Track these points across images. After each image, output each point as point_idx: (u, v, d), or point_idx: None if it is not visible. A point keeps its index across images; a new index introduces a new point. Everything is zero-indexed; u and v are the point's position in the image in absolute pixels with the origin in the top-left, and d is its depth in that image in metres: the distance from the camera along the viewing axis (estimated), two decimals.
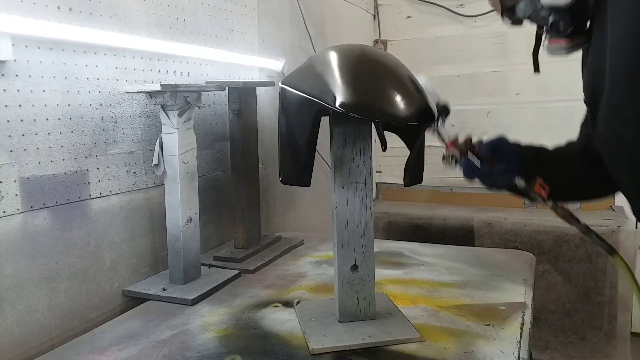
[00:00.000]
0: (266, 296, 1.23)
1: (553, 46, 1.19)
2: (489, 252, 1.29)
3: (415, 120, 0.88)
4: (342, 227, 1.01)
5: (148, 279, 1.32)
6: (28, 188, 1.02)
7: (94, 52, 1.16)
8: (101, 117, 1.18)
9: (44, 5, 1.03)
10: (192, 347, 0.96)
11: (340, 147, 0.99)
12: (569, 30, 1.14)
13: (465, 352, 0.92)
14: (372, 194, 1.06)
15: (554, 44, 1.19)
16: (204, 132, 1.55)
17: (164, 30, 1.37)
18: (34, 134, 1.03)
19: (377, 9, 3.10)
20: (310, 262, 1.50)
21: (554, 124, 2.64)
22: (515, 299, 1.17)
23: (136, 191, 1.29)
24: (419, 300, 1.18)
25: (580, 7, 1.11)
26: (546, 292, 2.44)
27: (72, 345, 1.00)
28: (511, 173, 1.11)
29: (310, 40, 2.18)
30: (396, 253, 1.56)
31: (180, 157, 1.23)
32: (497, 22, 1.45)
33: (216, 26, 1.59)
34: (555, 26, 1.14)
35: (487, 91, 2.88)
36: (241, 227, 1.54)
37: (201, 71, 1.53)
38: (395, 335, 0.97)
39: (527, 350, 0.97)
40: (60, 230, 1.09)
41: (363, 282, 1.02)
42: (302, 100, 0.92)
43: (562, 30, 1.14)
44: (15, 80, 0.99)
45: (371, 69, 0.93)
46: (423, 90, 0.96)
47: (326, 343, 0.95)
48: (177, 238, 1.26)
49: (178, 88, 1.19)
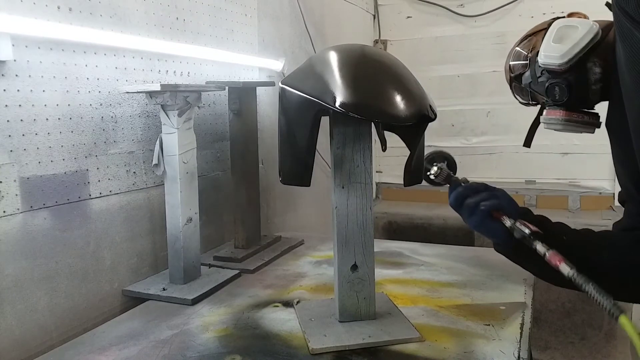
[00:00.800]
0: (266, 296, 1.23)
1: (549, 118, 1.15)
2: (489, 252, 1.29)
3: (415, 120, 0.88)
4: (342, 227, 1.01)
5: (148, 279, 1.32)
6: (28, 188, 1.02)
7: (94, 52, 1.16)
8: (101, 117, 1.18)
9: (44, 5, 1.03)
10: (192, 347, 0.96)
11: (340, 147, 0.99)
12: (565, 98, 1.09)
13: (465, 352, 0.92)
14: (372, 194, 1.06)
15: (550, 115, 1.15)
16: (204, 132, 1.55)
17: (164, 30, 1.37)
18: (34, 133, 1.03)
19: (377, 9, 3.10)
20: (310, 262, 1.50)
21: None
22: (515, 299, 1.17)
23: (136, 191, 1.29)
24: (419, 300, 1.18)
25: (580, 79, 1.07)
26: (546, 292, 2.44)
27: (72, 345, 1.00)
28: (500, 203, 0.99)
29: (310, 40, 2.18)
30: (396, 253, 1.56)
31: (180, 157, 1.23)
32: (497, 22, 1.45)
33: (216, 26, 1.59)
34: (552, 92, 1.10)
35: (487, 91, 2.88)
36: (241, 227, 1.54)
37: (201, 71, 1.53)
38: (395, 335, 0.97)
39: (527, 350, 0.97)
40: (60, 230, 1.09)
41: (363, 282, 1.02)
42: (302, 100, 0.92)
43: (558, 97, 1.10)
44: (15, 80, 0.99)
45: (371, 69, 0.93)
46: (423, 90, 0.96)
47: (326, 343, 0.95)
48: (177, 238, 1.26)
49: (178, 88, 1.19)
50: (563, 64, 1.07)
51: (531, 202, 2.88)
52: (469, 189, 1.04)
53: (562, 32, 1.08)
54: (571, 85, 1.08)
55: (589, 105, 1.12)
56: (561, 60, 1.07)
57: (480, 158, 2.97)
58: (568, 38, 1.06)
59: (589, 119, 1.12)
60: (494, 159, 2.96)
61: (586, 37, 1.04)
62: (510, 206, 1.00)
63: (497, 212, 0.98)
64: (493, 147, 2.95)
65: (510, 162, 2.91)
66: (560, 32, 1.09)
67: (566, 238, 1.01)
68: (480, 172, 2.87)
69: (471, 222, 1.03)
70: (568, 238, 1.02)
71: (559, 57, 1.07)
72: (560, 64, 1.07)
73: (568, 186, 2.85)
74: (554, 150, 2.77)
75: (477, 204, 1.00)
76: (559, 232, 1.03)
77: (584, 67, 1.06)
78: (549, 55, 1.08)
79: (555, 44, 1.08)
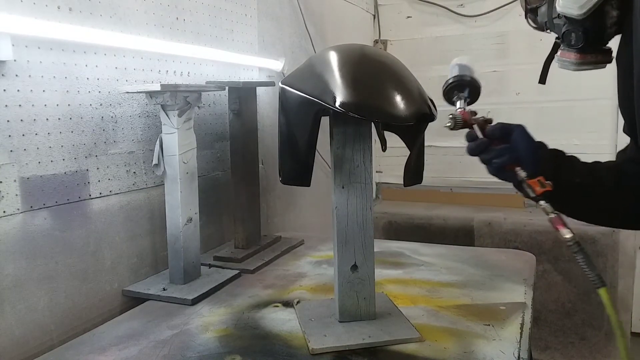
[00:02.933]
0: (266, 296, 1.23)
1: (563, 59, 1.16)
2: (489, 252, 1.29)
3: (414, 120, 0.88)
4: (342, 227, 1.01)
5: (148, 279, 1.32)
6: (28, 188, 1.02)
7: (94, 52, 1.16)
8: (101, 117, 1.18)
9: (44, 5, 1.03)
10: (192, 347, 0.96)
11: (340, 147, 0.99)
12: (580, 44, 1.09)
13: (465, 352, 0.92)
14: (372, 194, 1.06)
15: (564, 57, 1.16)
16: (204, 132, 1.55)
17: (164, 30, 1.37)
18: (34, 134, 1.03)
19: (377, 9, 3.10)
20: (310, 262, 1.50)
21: (554, 124, 2.63)
22: (515, 299, 1.17)
23: (136, 191, 1.29)
24: (419, 300, 1.18)
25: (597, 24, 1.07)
26: (546, 292, 2.45)
27: (72, 345, 1.00)
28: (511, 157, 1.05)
29: (310, 40, 2.18)
30: (396, 253, 1.56)
31: (180, 157, 1.23)
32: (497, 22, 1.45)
33: (216, 26, 1.59)
34: (567, 38, 1.11)
35: (487, 91, 2.85)
36: (241, 227, 1.54)
37: (201, 71, 1.53)
38: (395, 335, 0.97)
39: (527, 350, 0.97)
40: (60, 230, 1.09)
41: (363, 282, 1.02)
42: (302, 100, 0.92)
43: (574, 43, 1.10)
44: (15, 80, 0.99)
45: (371, 69, 0.93)
46: (423, 90, 0.96)
47: (326, 343, 0.95)
48: (177, 238, 1.26)
49: (178, 88, 1.19)
50: (581, 15, 1.05)
51: (531, 202, 2.87)
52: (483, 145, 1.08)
53: None
54: (588, 32, 1.07)
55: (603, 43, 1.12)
56: (580, 11, 1.05)
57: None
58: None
59: (602, 58, 1.13)
60: None
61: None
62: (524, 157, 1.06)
63: (511, 165, 1.05)
64: None
65: None
66: None
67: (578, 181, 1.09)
68: (481, 171, 2.85)
69: (488, 170, 1.10)
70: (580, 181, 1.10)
71: (578, 7, 1.05)
72: (578, 14, 1.06)
73: None
74: None
75: (490, 160, 1.06)
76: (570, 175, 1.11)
77: (601, 11, 1.04)
78: (567, 5, 1.07)
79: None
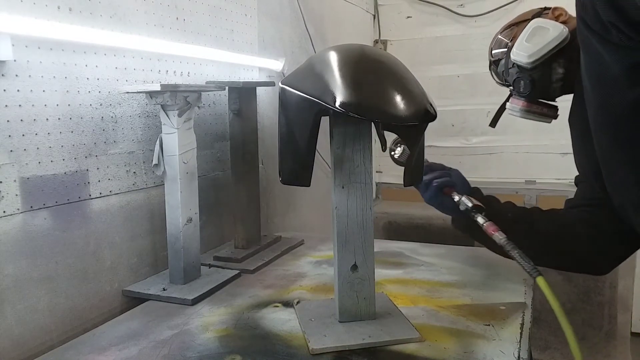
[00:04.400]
0: (266, 296, 1.23)
1: (512, 106, 1.29)
2: (489, 252, 1.29)
3: (415, 120, 0.88)
4: (342, 227, 1.01)
5: (148, 279, 1.32)
6: (28, 188, 1.02)
7: (94, 52, 1.16)
8: (101, 117, 1.18)
9: (43, 5, 1.03)
10: (192, 347, 0.96)
11: (340, 147, 0.99)
12: (527, 92, 1.21)
13: (465, 352, 0.92)
14: (372, 194, 1.06)
15: (513, 103, 1.29)
16: (204, 132, 1.55)
17: (164, 30, 1.37)
18: (34, 134, 1.03)
19: (377, 9, 3.10)
20: (310, 262, 1.50)
21: (553, 123, 2.63)
22: (515, 299, 1.17)
23: (136, 191, 1.29)
24: (419, 300, 1.18)
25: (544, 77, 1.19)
26: None
27: (72, 345, 1.00)
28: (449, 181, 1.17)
29: (310, 40, 2.18)
30: (396, 253, 1.56)
31: (180, 157, 1.23)
32: (497, 22, 1.47)
33: (216, 26, 1.59)
34: (517, 85, 1.23)
35: (487, 91, 2.87)
36: (241, 227, 1.54)
37: (201, 71, 1.53)
38: (395, 335, 0.97)
39: (527, 350, 0.97)
40: (60, 230, 1.09)
41: (363, 282, 1.02)
42: (302, 100, 0.92)
43: (522, 90, 1.22)
44: (15, 80, 0.99)
45: (371, 69, 0.93)
46: (423, 90, 0.96)
47: (326, 343, 0.95)
48: (177, 238, 1.26)
49: (178, 88, 1.19)
50: (529, 63, 1.18)
51: (531, 202, 2.87)
52: (426, 168, 1.19)
53: (534, 32, 1.19)
54: (534, 81, 1.20)
55: (550, 98, 1.25)
56: (528, 59, 1.18)
57: (480, 158, 2.97)
58: (538, 39, 1.18)
59: (547, 111, 1.26)
60: (494, 159, 2.96)
61: (554, 41, 1.15)
62: (460, 184, 1.19)
63: (448, 189, 1.16)
64: (493, 147, 2.95)
65: (510, 162, 2.91)
66: (533, 32, 1.20)
67: (511, 215, 1.20)
68: (480, 172, 2.87)
69: (425, 196, 1.21)
70: (513, 214, 1.21)
71: (527, 56, 1.18)
72: (527, 62, 1.19)
73: (568, 186, 2.85)
74: (554, 150, 2.76)
75: (431, 181, 1.17)
76: (505, 210, 1.22)
77: (549, 66, 1.18)
78: (519, 52, 1.20)
79: (527, 43, 1.19)
